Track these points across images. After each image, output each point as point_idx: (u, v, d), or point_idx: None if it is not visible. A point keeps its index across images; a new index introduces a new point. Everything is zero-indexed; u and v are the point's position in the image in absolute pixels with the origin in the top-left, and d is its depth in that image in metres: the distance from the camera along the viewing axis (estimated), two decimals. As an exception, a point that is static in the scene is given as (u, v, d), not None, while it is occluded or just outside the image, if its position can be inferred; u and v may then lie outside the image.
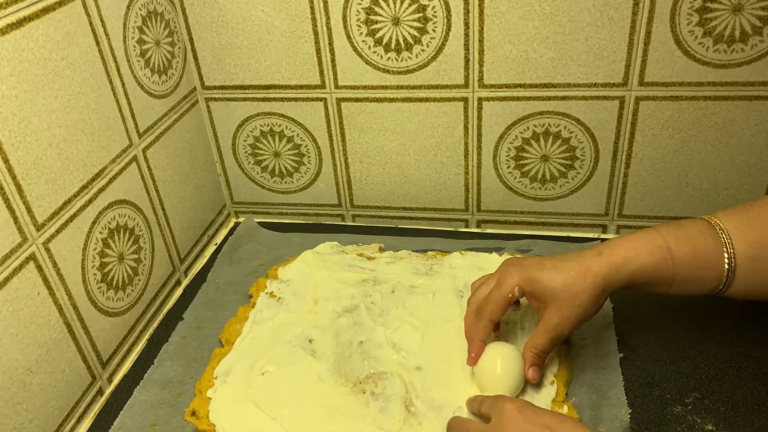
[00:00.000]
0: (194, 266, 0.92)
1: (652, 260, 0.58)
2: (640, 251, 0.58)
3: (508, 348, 0.64)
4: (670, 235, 0.58)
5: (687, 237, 0.58)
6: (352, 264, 0.81)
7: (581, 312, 0.59)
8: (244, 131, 0.94)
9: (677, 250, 0.57)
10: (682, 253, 0.57)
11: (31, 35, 0.61)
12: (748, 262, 0.57)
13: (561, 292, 0.59)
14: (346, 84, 0.86)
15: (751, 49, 0.73)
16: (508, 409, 0.53)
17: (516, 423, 0.52)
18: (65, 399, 0.68)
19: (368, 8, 0.80)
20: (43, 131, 0.63)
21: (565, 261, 0.60)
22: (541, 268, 0.60)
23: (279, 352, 0.70)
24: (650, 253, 0.58)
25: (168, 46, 0.84)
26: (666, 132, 0.81)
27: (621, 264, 0.58)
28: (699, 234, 0.58)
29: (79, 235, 0.69)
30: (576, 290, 0.58)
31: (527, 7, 0.76)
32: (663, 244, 0.58)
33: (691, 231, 0.58)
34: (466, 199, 0.93)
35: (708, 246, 0.57)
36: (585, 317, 0.60)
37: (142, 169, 0.80)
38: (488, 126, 0.85)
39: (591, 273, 0.58)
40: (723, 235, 0.57)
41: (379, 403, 0.63)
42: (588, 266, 0.58)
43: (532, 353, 0.61)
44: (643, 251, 0.58)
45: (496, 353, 0.63)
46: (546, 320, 0.60)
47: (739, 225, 0.57)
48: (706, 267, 0.57)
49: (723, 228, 0.58)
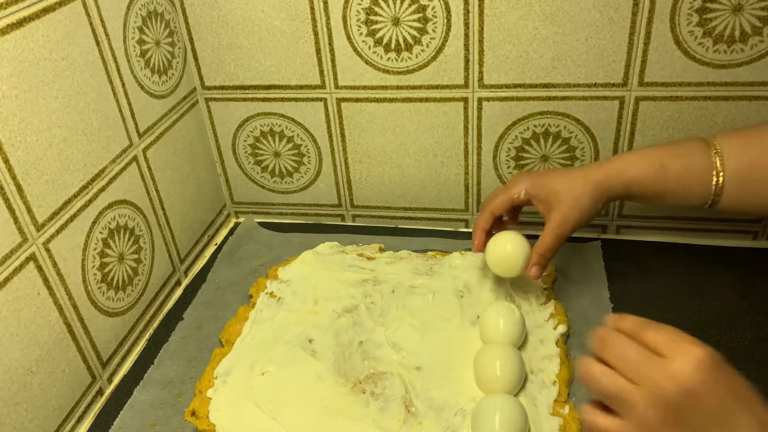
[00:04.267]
0: (194, 266, 0.92)
1: (646, 173, 0.64)
2: (635, 164, 0.64)
3: (508, 348, 0.64)
4: (666, 151, 0.64)
5: (681, 154, 0.64)
6: (352, 264, 0.81)
7: (582, 212, 0.65)
8: (244, 131, 0.94)
9: (670, 165, 0.63)
10: (674, 168, 0.63)
11: (31, 35, 0.61)
12: (736, 181, 0.61)
13: (564, 194, 0.65)
14: (346, 84, 0.86)
15: (751, 49, 0.73)
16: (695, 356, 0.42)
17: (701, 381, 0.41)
18: (65, 399, 0.68)
19: (368, 8, 0.80)
20: (43, 131, 0.63)
21: (569, 170, 0.67)
22: (547, 175, 0.68)
23: (279, 352, 0.70)
24: (644, 166, 0.64)
25: (168, 46, 0.84)
26: (666, 132, 0.81)
27: (618, 173, 0.64)
28: (693, 152, 0.63)
29: (79, 235, 0.69)
30: (578, 192, 0.65)
31: (527, 7, 0.76)
32: (657, 159, 0.64)
33: (686, 149, 0.64)
34: (466, 199, 0.93)
35: (699, 163, 0.62)
36: (586, 217, 0.65)
37: (142, 169, 0.80)
38: (488, 126, 0.85)
39: (591, 179, 0.65)
40: (716, 155, 0.62)
41: (379, 403, 0.63)
42: (588, 173, 0.65)
43: (538, 253, 0.67)
44: (638, 164, 0.64)
45: (495, 353, 0.63)
46: (551, 220, 0.66)
47: (732, 146, 0.62)
48: (697, 183, 0.63)
49: (717, 149, 0.62)
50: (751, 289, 0.74)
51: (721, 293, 0.74)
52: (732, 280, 0.75)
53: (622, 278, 0.77)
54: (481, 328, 0.68)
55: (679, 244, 0.83)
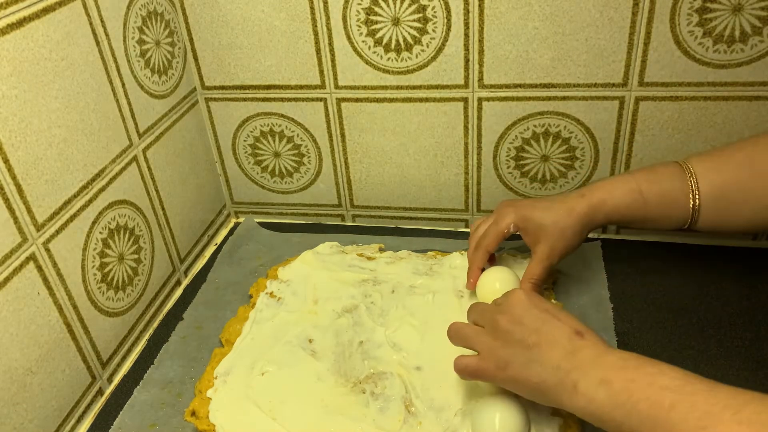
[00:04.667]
0: (194, 266, 0.92)
1: (625, 201, 0.66)
2: (614, 193, 0.67)
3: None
4: (643, 178, 0.67)
5: (657, 180, 0.66)
6: (352, 264, 0.81)
7: (567, 243, 0.68)
8: (244, 131, 0.94)
9: (648, 192, 0.66)
10: (652, 194, 0.66)
11: (31, 35, 0.61)
12: (712, 202, 0.64)
13: (550, 227, 0.68)
14: (346, 84, 0.86)
15: (751, 49, 0.73)
16: (517, 293, 0.58)
17: (521, 303, 0.56)
18: (65, 399, 0.68)
19: (368, 8, 0.80)
20: (43, 131, 0.63)
21: (553, 202, 0.70)
22: (533, 208, 0.70)
23: (279, 352, 0.70)
24: (624, 195, 0.67)
25: (168, 47, 0.84)
26: (666, 132, 0.81)
27: (598, 205, 0.67)
28: (669, 177, 0.66)
29: (79, 235, 0.69)
30: (563, 226, 0.68)
31: (527, 7, 0.76)
32: (636, 187, 0.66)
33: (662, 175, 0.66)
34: (466, 199, 0.93)
35: (675, 188, 0.65)
36: (570, 248, 0.69)
37: (142, 169, 0.80)
38: (488, 126, 0.85)
39: (575, 212, 0.67)
40: (690, 179, 0.65)
41: (379, 403, 0.63)
42: (572, 206, 0.68)
43: (531, 283, 0.69)
44: (617, 193, 0.67)
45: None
46: (539, 252, 0.69)
47: (706, 169, 0.65)
48: (674, 207, 0.65)
49: (692, 171, 0.65)
50: (751, 289, 0.74)
51: (721, 293, 0.74)
52: (732, 280, 0.75)
53: (622, 278, 0.77)
54: None
55: (679, 244, 0.83)
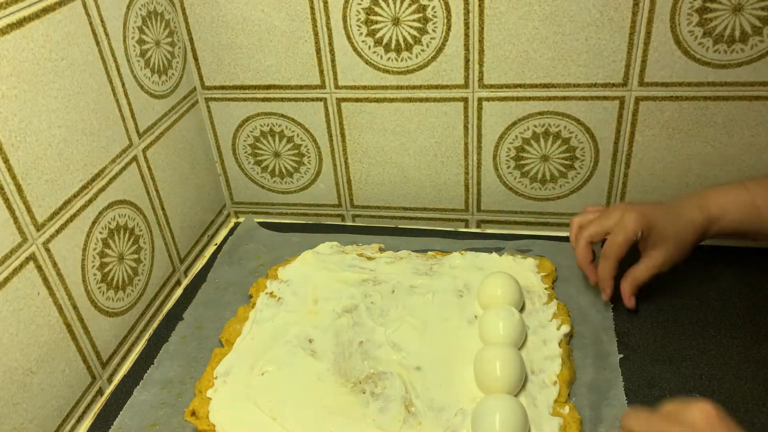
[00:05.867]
0: (194, 266, 0.92)
1: (741, 216, 0.67)
2: (729, 208, 0.67)
3: (508, 349, 0.64)
4: (758, 192, 0.67)
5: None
6: (352, 264, 0.81)
7: (683, 255, 0.69)
8: (244, 131, 0.94)
9: (764, 207, 0.66)
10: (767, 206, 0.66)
11: (31, 35, 0.61)
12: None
13: (672, 237, 0.68)
14: (346, 84, 0.86)
15: (751, 49, 0.73)
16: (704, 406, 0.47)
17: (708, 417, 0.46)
18: (65, 399, 0.68)
19: (368, 8, 0.80)
20: (43, 131, 0.63)
21: (673, 211, 0.69)
22: (656, 216, 0.68)
23: (279, 352, 0.70)
24: (739, 209, 0.67)
25: (168, 46, 0.84)
26: (666, 132, 0.81)
27: (715, 220, 0.67)
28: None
29: (79, 235, 0.69)
30: (684, 237, 0.68)
31: (527, 7, 0.76)
32: (750, 200, 0.66)
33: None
34: (466, 199, 0.93)
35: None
36: (683, 260, 0.69)
37: (142, 169, 0.80)
38: (488, 126, 0.85)
39: (695, 223, 0.67)
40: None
41: (379, 403, 0.63)
42: (692, 218, 0.68)
43: (633, 285, 0.69)
44: (732, 207, 0.67)
45: (495, 354, 0.63)
46: (653, 258, 0.69)
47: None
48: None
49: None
50: (751, 289, 0.74)
51: (721, 293, 0.74)
52: (732, 280, 0.75)
53: (622, 278, 0.77)
54: (481, 329, 0.68)
55: (679, 244, 0.83)
